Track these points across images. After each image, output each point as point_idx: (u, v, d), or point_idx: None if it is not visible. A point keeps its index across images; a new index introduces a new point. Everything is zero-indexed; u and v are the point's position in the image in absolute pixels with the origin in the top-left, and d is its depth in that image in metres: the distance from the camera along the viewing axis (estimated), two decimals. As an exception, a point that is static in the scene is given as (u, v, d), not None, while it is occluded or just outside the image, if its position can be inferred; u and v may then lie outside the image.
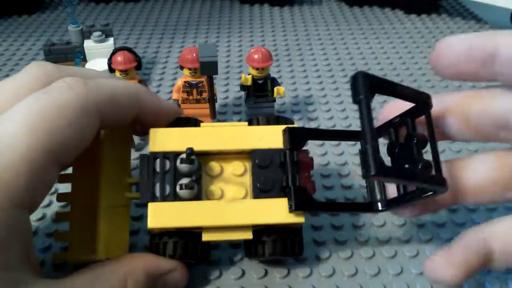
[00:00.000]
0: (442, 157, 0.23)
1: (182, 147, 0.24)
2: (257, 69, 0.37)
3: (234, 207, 0.24)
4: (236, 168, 0.26)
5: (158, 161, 0.24)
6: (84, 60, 0.46)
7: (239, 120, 0.41)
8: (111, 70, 0.38)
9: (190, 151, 0.23)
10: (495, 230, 0.22)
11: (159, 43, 0.56)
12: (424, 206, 0.24)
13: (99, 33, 0.45)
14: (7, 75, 0.48)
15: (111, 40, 0.46)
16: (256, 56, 0.37)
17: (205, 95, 0.38)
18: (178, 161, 0.24)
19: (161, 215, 0.23)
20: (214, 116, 0.39)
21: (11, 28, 0.59)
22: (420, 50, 0.55)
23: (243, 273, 0.27)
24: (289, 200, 0.24)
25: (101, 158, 0.24)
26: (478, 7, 0.64)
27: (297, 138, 0.25)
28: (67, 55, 0.47)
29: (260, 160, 0.25)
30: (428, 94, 0.23)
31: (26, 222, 0.19)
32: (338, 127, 0.40)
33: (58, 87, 0.20)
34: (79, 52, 0.46)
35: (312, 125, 0.41)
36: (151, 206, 0.23)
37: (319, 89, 0.46)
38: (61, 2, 0.66)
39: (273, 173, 0.25)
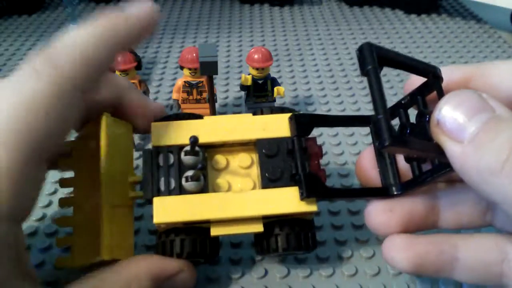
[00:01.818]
0: None
1: (186, 140, 0.23)
2: (257, 69, 0.37)
3: (242, 198, 0.23)
4: (243, 161, 0.25)
5: (161, 155, 0.24)
6: (84, 60, 0.46)
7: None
8: (112, 70, 0.38)
9: (195, 139, 0.22)
10: (468, 241, 0.21)
11: (159, 43, 0.56)
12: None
13: (99, 33, 0.45)
14: (7, 76, 0.48)
15: (111, 40, 0.46)
16: (256, 56, 0.37)
17: (205, 95, 0.38)
18: (182, 154, 0.23)
19: (167, 209, 0.22)
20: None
21: (11, 28, 0.59)
22: (420, 50, 0.55)
23: (243, 273, 0.27)
24: (300, 187, 0.23)
25: (101, 156, 0.23)
26: (478, 7, 0.64)
27: (303, 124, 0.24)
28: (67, 55, 0.47)
29: (266, 149, 0.24)
30: (437, 67, 0.22)
31: (18, 234, 0.19)
32: (338, 127, 0.40)
33: (24, 75, 0.19)
34: (79, 52, 0.46)
35: (312, 125, 0.41)
36: (156, 200, 0.23)
37: (319, 89, 0.46)
38: (61, 2, 0.66)
39: (281, 162, 0.24)
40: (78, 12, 0.64)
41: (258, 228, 0.23)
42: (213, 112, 0.39)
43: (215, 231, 0.23)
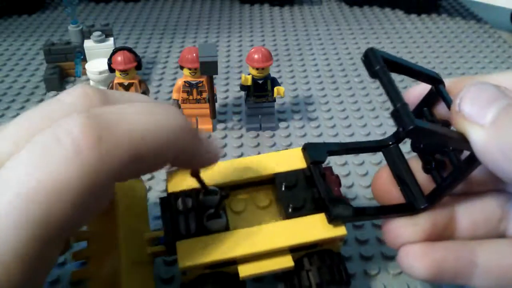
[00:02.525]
0: None
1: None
2: (257, 69, 0.37)
3: (268, 230, 0.22)
4: (261, 200, 0.24)
5: (179, 200, 0.23)
6: (84, 60, 0.46)
7: (239, 120, 0.41)
8: (111, 70, 0.38)
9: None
10: (485, 246, 0.21)
11: (159, 43, 0.56)
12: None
13: (99, 33, 0.45)
14: (7, 75, 0.48)
15: (111, 40, 0.46)
16: (256, 56, 0.37)
17: (205, 95, 0.38)
18: (201, 196, 0.23)
19: (191, 252, 0.21)
20: (214, 116, 0.39)
21: (11, 28, 0.59)
22: (420, 50, 0.55)
23: None
24: (326, 211, 0.22)
25: (118, 223, 0.22)
26: (478, 7, 0.64)
27: (317, 152, 0.24)
28: (67, 55, 0.47)
29: (286, 181, 0.24)
30: (437, 73, 0.23)
31: None
32: (338, 127, 0.40)
33: (62, 151, 0.15)
34: (79, 52, 0.46)
35: (312, 125, 0.41)
36: (179, 244, 0.21)
37: (319, 89, 0.46)
38: (61, 2, 0.66)
39: (301, 191, 0.23)
40: (78, 12, 0.64)
41: (288, 262, 0.22)
42: (213, 112, 0.39)
43: (243, 271, 0.22)
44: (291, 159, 0.25)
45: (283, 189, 0.24)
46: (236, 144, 0.38)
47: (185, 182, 0.23)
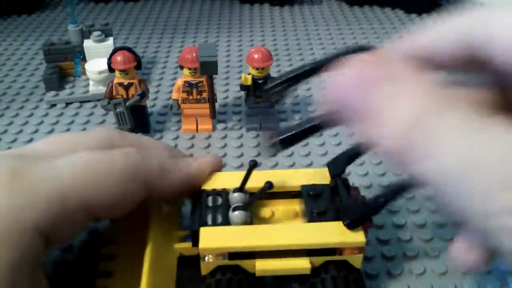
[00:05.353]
0: None
1: (232, 185, 0.24)
2: (257, 69, 0.37)
3: (289, 228, 0.23)
4: (287, 212, 0.25)
5: (210, 197, 0.24)
6: (84, 60, 0.46)
7: (239, 120, 0.41)
8: (111, 70, 0.38)
9: (255, 162, 0.23)
10: None
11: (159, 42, 0.56)
12: None
13: (98, 32, 0.45)
14: (7, 75, 0.48)
15: (110, 40, 0.46)
16: (256, 56, 0.37)
17: (205, 95, 0.38)
18: (230, 194, 0.24)
19: (213, 237, 0.23)
20: (214, 116, 0.39)
21: (10, 28, 0.59)
22: (421, 50, 0.55)
23: None
24: (344, 217, 0.23)
25: (150, 218, 0.24)
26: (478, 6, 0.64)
27: (336, 164, 0.25)
28: (67, 54, 0.47)
29: (311, 190, 0.25)
30: None
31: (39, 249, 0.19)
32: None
33: (114, 153, 0.21)
34: (78, 51, 0.46)
35: (313, 125, 0.41)
36: (203, 230, 0.23)
37: (319, 89, 0.46)
38: (61, 1, 0.66)
39: (325, 200, 0.24)
40: (78, 11, 0.64)
41: (305, 265, 0.23)
42: (213, 112, 0.39)
43: (260, 267, 0.23)
44: (318, 176, 0.26)
45: (308, 197, 0.24)
46: (236, 144, 0.38)
47: (217, 182, 0.25)
